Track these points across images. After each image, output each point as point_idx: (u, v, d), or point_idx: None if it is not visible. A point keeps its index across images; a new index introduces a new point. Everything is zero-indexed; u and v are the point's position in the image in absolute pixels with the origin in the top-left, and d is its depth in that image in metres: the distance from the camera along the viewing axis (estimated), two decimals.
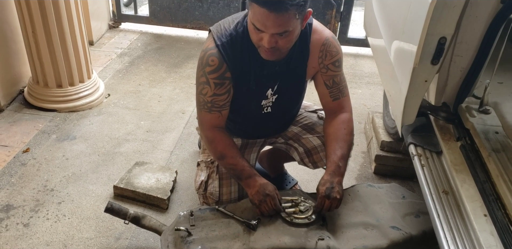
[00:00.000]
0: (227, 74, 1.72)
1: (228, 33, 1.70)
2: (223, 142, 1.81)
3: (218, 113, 1.80)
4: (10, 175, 2.48)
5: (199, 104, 1.81)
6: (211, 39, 1.72)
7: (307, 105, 2.16)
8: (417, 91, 1.72)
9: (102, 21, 4.35)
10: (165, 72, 3.73)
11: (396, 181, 2.51)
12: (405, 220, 1.78)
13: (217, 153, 1.81)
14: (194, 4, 4.31)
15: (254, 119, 1.97)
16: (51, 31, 2.76)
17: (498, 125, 1.81)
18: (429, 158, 1.87)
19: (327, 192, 1.67)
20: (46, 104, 3.04)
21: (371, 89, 3.64)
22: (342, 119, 1.86)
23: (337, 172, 1.74)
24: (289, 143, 2.11)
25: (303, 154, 2.06)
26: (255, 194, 1.70)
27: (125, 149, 2.75)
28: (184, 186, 2.46)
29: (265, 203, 1.69)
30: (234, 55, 1.70)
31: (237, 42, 1.70)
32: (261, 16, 1.50)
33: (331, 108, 1.90)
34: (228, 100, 1.79)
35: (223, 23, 1.75)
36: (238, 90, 1.80)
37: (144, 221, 1.96)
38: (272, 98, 1.89)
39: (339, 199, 1.68)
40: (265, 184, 1.73)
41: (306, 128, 2.07)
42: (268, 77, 1.80)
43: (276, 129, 2.10)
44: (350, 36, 4.25)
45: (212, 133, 1.83)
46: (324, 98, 1.89)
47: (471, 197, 1.56)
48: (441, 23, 1.52)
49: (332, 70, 1.82)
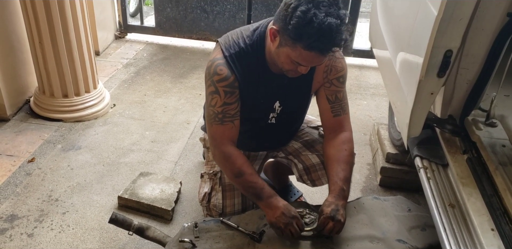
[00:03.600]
0: (236, 83, 1.70)
1: (237, 46, 1.69)
2: (240, 159, 1.73)
3: (231, 124, 1.74)
4: (15, 184, 2.48)
5: (209, 118, 1.75)
6: (219, 50, 1.71)
7: (310, 120, 2.14)
8: (423, 103, 1.72)
9: (108, 32, 4.38)
10: (170, 83, 3.75)
11: (402, 193, 2.50)
12: (411, 233, 1.76)
13: (235, 170, 1.72)
14: (200, 15, 4.33)
15: (258, 130, 1.96)
16: (57, 41, 2.79)
17: (505, 138, 1.80)
18: (435, 170, 1.86)
19: (332, 214, 1.60)
20: (52, 114, 3.05)
21: (376, 100, 3.64)
22: (342, 139, 1.82)
23: (341, 195, 1.68)
24: (289, 158, 2.09)
25: (302, 171, 2.03)
26: (279, 216, 1.62)
27: (130, 159, 2.75)
28: (189, 197, 2.46)
29: (291, 226, 1.61)
30: (241, 67, 1.69)
31: (246, 55, 1.69)
32: (309, 57, 1.52)
33: (331, 125, 1.86)
34: (238, 110, 1.75)
35: (231, 35, 1.75)
36: (246, 103, 1.78)
37: (148, 232, 1.94)
38: (278, 110, 1.88)
39: (342, 222, 1.62)
40: (288, 205, 1.66)
41: (306, 145, 2.04)
42: (276, 90, 1.80)
43: (278, 140, 2.08)
44: (355, 47, 4.26)
45: (228, 148, 1.74)
46: (325, 113, 1.86)
47: (478, 211, 1.55)
48: (447, 36, 1.53)
49: (336, 85, 1.82)
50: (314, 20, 1.42)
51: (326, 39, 1.44)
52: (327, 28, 1.42)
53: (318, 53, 1.49)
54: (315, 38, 1.44)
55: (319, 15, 1.42)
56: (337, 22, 1.42)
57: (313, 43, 1.45)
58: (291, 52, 1.53)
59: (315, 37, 1.44)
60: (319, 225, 1.64)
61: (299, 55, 1.52)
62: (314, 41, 1.45)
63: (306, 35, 1.45)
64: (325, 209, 1.63)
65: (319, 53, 1.49)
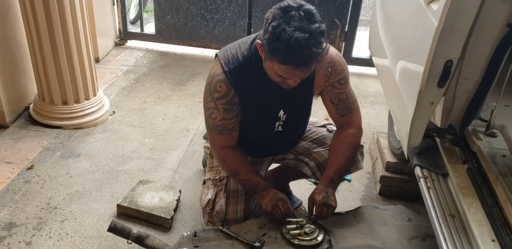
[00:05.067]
0: (235, 99, 1.75)
1: (236, 60, 1.72)
2: (236, 159, 1.87)
3: (229, 135, 1.84)
4: (14, 192, 2.47)
5: (209, 127, 1.85)
6: (218, 65, 1.74)
7: (315, 121, 2.19)
8: (423, 113, 1.72)
9: (109, 39, 4.39)
10: (170, 90, 3.75)
11: (401, 202, 2.49)
12: (411, 243, 1.76)
13: (231, 171, 1.87)
14: (200, 22, 4.35)
15: (265, 139, 2.00)
16: (58, 48, 2.79)
17: (505, 148, 1.80)
18: (435, 180, 1.86)
19: (324, 200, 1.74)
20: (51, 121, 3.05)
21: (375, 109, 3.64)
22: (345, 134, 1.92)
23: (330, 185, 1.81)
24: (300, 158, 2.12)
25: (314, 168, 2.08)
26: (268, 201, 1.77)
27: (129, 166, 2.75)
28: (188, 205, 2.45)
29: (277, 207, 1.75)
30: (241, 81, 1.72)
31: (245, 69, 1.72)
32: (288, 71, 1.55)
33: (339, 124, 1.98)
34: (237, 123, 1.82)
35: (229, 48, 1.78)
36: (250, 115, 1.82)
37: (147, 241, 1.93)
38: (283, 117, 1.91)
39: (334, 206, 1.76)
40: (278, 193, 1.81)
41: (317, 142, 2.09)
42: (278, 100, 1.84)
43: (285, 146, 2.11)
44: (354, 55, 4.27)
45: (224, 152, 1.87)
46: (332, 115, 1.96)
47: (478, 221, 1.55)
48: (447, 46, 1.53)
49: (338, 88, 1.86)
50: (282, 35, 1.46)
51: (296, 54, 1.47)
52: (295, 43, 1.45)
53: (293, 67, 1.52)
54: (285, 53, 1.48)
55: (288, 31, 1.45)
56: (305, 36, 1.45)
57: (285, 58, 1.49)
58: (272, 65, 1.57)
59: (285, 52, 1.47)
60: (316, 214, 1.77)
61: (278, 69, 1.56)
62: (284, 56, 1.48)
63: (277, 50, 1.49)
64: (316, 196, 1.77)
65: (294, 67, 1.52)
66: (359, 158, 2.04)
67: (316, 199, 1.76)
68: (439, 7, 1.51)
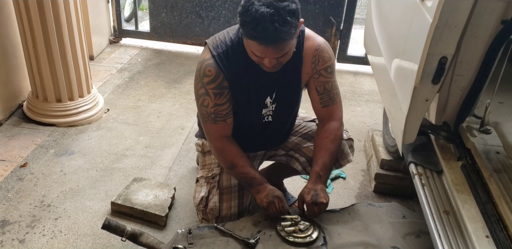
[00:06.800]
0: (225, 83, 1.76)
1: (224, 45, 1.75)
2: (233, 152, 1.85)
3: (223, 123, 1.83)
4: (7, 189, 2.46)
5: (202, 116, 1.84)
6: (207, 51, 1.77)
7: (305, 116, 2.20)
8: (418, 110, 1.72)
9: (103, 36, 4.37)
10: (164, 88, 3.74)
11: (396, 199, 2.50)
12: (405, 240, 1.76)
13: (227, 163, 1.86)
14: (195, 20, 4.34)
15: (255, 130, 1.99)
16: (51, 46, 2.77)
17: (499, 145, 1.80)
18: (429, 177, 1.87)
19: (313, 199, 1.73)
20: (45, 119, 3.03)
21: (370, 107, 3.64)
22: (326, 128, 1.91)
23: (319, 181, 1.80)
24: (290, 153, 2.13)
25: (305, 163, 2.08)
26: (264, 197, 1.77)
27: (123, 164, 2.74)
28: (183, 203, 2.44)
29: (273, 204, 1.75)
30: (230, 65, 1.74)
31: (233, 54, 1.74)
32: (258, 48, 1.57)
33: (321, 116, 1.95)
34: (230, 109, 1.82)
35: (218, 35, 1.81)
36: (238, 101, 1.83)
37: (141, 238, 1.93)
38: (272, 106, 1.91)
39: (325, 203, 1.75)
40: (274, 189, 1.80)
41: (306, 137, 2.09)
42: (266, 85, 1.84)
43: (276, 138, 2.11)
44: (349, 54, 4.27)
45: (221, 143, 1.86)
46: (315, 104, 1.94)
47: (472, 218, 1.55)
48: (442, 43, 1.53)
49: (324, 76, 1.86)
50: (249, 9, 1.51)
51: (260, 28, 1.50)
52: (260, 17, 1.49)
53: (259, 42, 1.55)
54: (251, 26, 1.52)
55: (256, 5, 1.50)
56: (269, 11, 1.48)
57: (250, 31, 1.53)
58: (246, 42, 1.62)
59: (251, 25, 1.52)
60: (308, 213, 1.78)
61: (250, 45, 1.60)
62: (250, 29, 1.53)
63: (245, 23, 1.54)
64: (306, 196, 1.77)
65: (260, 42, 1.54)
66: (348, 150, 2.05)
67: (305, 198, 1.76)
68: (434, 4, 1.51)
